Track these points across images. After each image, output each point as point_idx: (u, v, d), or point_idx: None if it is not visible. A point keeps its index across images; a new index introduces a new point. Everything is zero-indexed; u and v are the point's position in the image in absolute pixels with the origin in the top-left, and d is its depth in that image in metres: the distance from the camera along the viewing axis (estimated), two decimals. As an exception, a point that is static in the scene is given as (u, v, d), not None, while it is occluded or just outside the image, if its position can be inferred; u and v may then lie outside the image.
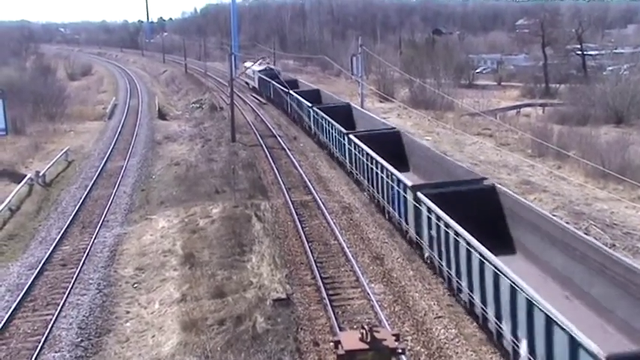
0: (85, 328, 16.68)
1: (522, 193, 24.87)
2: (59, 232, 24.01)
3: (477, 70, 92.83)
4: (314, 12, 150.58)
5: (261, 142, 39.22)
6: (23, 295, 18.49)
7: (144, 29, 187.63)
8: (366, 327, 10.33)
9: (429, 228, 17.79)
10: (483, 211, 17.53)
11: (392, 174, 21.42)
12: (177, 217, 24.69)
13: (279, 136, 41.12)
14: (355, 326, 15.88)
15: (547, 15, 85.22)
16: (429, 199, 17.69)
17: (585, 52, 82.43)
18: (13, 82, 58.39)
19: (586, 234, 18.04)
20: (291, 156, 34.90)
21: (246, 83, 65.32)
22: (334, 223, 23.42)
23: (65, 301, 18.09)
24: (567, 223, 18.99)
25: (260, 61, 58.91)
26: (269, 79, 54.83)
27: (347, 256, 20.31)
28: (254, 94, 61.91)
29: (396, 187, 20.88)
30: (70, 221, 25.37)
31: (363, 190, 26.62)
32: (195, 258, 20.29)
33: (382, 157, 23.03)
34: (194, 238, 22.17)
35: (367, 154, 24.60)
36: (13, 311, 17.52)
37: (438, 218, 16.86)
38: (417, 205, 18.61)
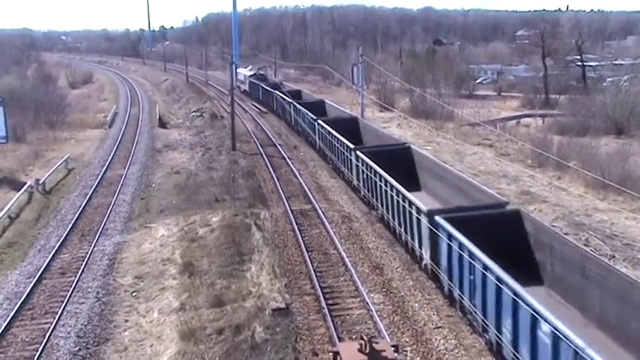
0: (83, 336, 16.62)
1: (522, 204, 24.86)
2: (58, 240, 23.97)
3: (477, 81, 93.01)
4: (315, 21, 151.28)
5: (262, 150, 39.24)
6: (21, 304, 18.43)
7: (145, 38, 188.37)
8: (365, 338, 10.30)
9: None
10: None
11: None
12: (177, 226, 24.66)
13: (280, 145, 41.14)
14: (354, 337, 15.84)
15: (547, 26, 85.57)
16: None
17: (585, 63, 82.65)
18: (15, 89, 58.46)
19: (586, 245, 18.02)
20: (291, 165, 34.91)
21: (238, 87, 68.94)
22: (334, 232, 23.39)
23: (63, 309, 18.03)
24: (567, 233, 18.98)
25: (250, 67, 63.66)
26: (258, 82, 63.88)
27: (346, 265, 20.27)
28: (255, 104, 62.07)
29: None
30: (70, 229, 25.33)
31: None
32: (195, 267, 20.25)
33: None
34: (193, 247, 22.13)
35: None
36: (11, 319, 17.45)
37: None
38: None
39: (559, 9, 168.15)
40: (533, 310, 12.06)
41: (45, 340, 16.28)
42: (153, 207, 28.37)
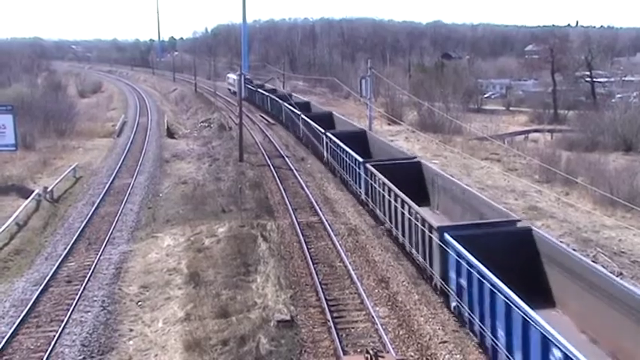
0: (88, 345, 16.61)
1: (529, 219, 24.76)
2: (65, 248, 24.03)
3: (486, 95, 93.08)
4: (324, 34, 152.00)
5: (269, 162, 39.30)
6: (27, 311, 18.46)
7: (155, 48, 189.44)
8: (370, 351, 10.27)
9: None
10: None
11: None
12: (184, 236, 24.69)
13: (287, 156, 41.21)
14: (359, 350, 15.77)
15: (557, 41, 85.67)
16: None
17: (594, 79, 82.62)
18: (25, 98, 58.91)
19: (594, 261, 17.90)
20: (299, 177, 34.93)
21: (229, 89, 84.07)
22: (340, 244, 23.36)
23: (69, 317, 18.05)
24: (574, 249, 18.87)
25: (239, 71, 69.14)
26: (246, 84, 71.28)
27: (352, 278, 20.22)
28: (262, 114, 62.38)
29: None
30: (77, 237, 25.40)
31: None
32: (200, 277, 20.24)
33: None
34: (199, 257, 22.14)
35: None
36: (16, 327, 17.48)
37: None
38: (329, 141, 19.66)
39: (569, 24, 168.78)
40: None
41: (50, 348, 16.28)
42: (160, 216, 28.42)
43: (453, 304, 16.76)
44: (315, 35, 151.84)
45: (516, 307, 12.93)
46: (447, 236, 16.73)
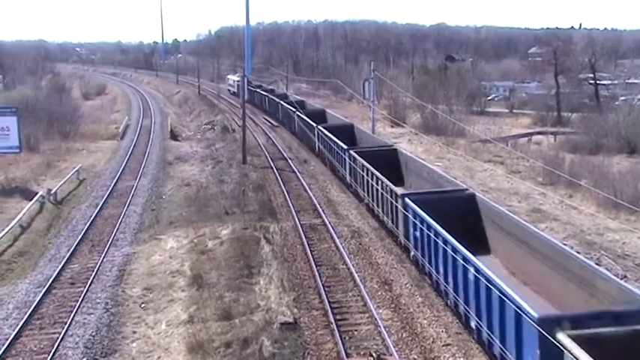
0: (91, 347, 16.63)
1: (533, 222, 24.68)
2: (69, 250, 24.07)
3: (489, 97, 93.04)
4: (327, 36, 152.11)
5: (272, 164, 39.33)
6: (31, 313, 18.49)
7: (158, 50, 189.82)
8: (373, 354, 10.27)
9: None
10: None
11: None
12: (187, 238, 24.71)
13: (290, 158, 41.23)
14: (362, 353, 15.76)
15: (560, 43, 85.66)
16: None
17: (598, 82, 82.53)
18: (29, 100, 59.08)
19: (598, 264, 17.87)
20: (302, 179, 34.94)
21: (228, 90, 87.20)
22: (343, 247, 23.35)
23: (72, 319, 18.07)
24: (579, 252, 18.87)
25: (238, 73, 73.56)
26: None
27: (355, 280, 20.21)
28: (265, 117, 62.49)
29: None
30: (80, 239, 25.44)
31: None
32: (203, 279, 20.26)
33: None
34: (202, 259, 22.16)
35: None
36: (20, 329, 17.51)
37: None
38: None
39: (572, 27, 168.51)
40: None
41: (53, 350, 16.30)
42: (163, 219, 28.46)
43: (412, 253, 20.39)
44: (319, 37, 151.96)
45: (458, 252, 15.82)
46: (407, 200, 20.39)
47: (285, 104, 54.51)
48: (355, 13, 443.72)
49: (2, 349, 16.35)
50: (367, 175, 26.25)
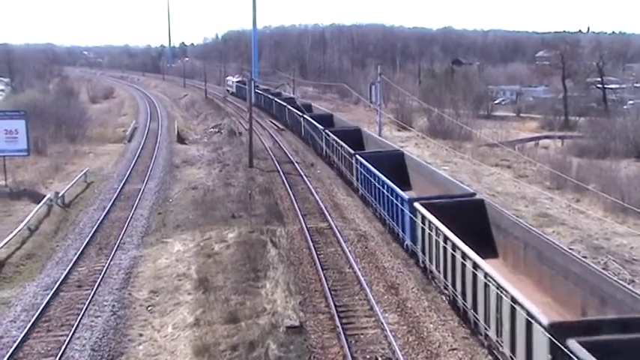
0: (98, 350, 16.67)
1: (540, 226, 24.64)
2: (76, 253, 24.16)
3: (496, 101, 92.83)
4: (334, 40, 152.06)
5: (279, 167, 39.37)
6: (38, 315, 18.57)
7: (166, 54, 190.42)
8: (380, 358, 10.25)
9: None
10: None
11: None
12: (193, 241, 24.76)
13: (297, 162, 41.26)
14: (368, 357, 15.76)
15: (568, 47, 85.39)
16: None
17: (606, 86, 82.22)
18: (37, 103, 59.45)
19: (604, 269, 17.81)
20: (308, 182, 34.96)
21: (227, 90, 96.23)
22: (349, 250, 23.34)
23: (79, 322, 18.13)
24: (585, 257, 18.83)
25: (237, 75, 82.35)
26: (242, 86, 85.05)
27: (361, 284, 20.20)
28: (272, 120, 62.59)
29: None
30: (87, 242, 25.53)
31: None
32: (210, 282, 20.29)
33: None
34: (209, 263, 22.19)
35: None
36: (27, 331, 17.58)
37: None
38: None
39: (580, 30, 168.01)
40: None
41: (60, 353, 16.35)
42: (170, 222, 28.53)
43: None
44: (325, 41, 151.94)
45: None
46: (357, 156, 20.99)
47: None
48: (362, 16, 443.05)
49: (10, 352, 16.41)
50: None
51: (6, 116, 37.22)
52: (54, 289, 20.44)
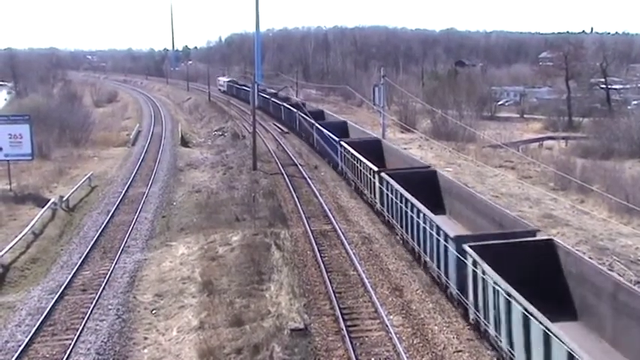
0: (102, 353, 16.69)
1: (544, 227, 24.61)
2: (80, 257, 24.20)
3: (500, 103, 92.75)
4: (337, 42, 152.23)
5: (282, 170, 39.37)
6: (43, 320, 18.60)
7: (169, 57, 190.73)
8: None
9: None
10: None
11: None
12: (197, 244, 24.78)
13: (300, 165, 41.25)
14: (373, 359, 15.74)
15: (571, 48, 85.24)
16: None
17: (610, 86, 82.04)
18: (40, 108, 59.57)
19: (610, 270, 17.74)
20: (312, 185, 34.94)
21: (219, 89, 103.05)
22: (354, 253, 23.32)
23: (84, 326, 18.16)
24: (590, 258, 18.74)
25: (226, 75, 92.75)
26: (232, 84, 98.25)
27: (366, 286, 20.18)
28: (276, 123, 62.61)
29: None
30: (92, 246, 25.57)
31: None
32: (214, 285, 20.29)
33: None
34: (213, 266, 22.20)
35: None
36: (32, 335, 17.61)
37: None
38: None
39: (583, 31, 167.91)
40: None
41: (66, 357, 16.38)
42: (174, 225, 28.55)
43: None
44: (328, 44, 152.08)
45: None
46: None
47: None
48: (365, 19, 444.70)
49: (15, 356, 16.44)
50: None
51: (10, 121, 37.29)
52: (59, 293, 20.47)
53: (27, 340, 17.29)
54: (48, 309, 19.27)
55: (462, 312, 17.37)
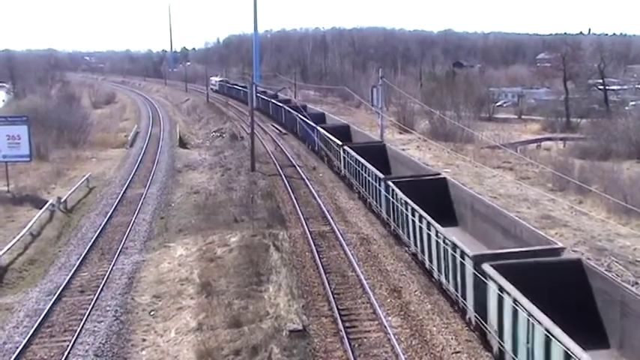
0: (101, 355, 16.66)
1: (543, 228, 24.60)
2: (78, 259, 24.16)
3: (498, 104, 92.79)
4: (335, 43, 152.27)
5: (281, 171, 39.36)
6: (41, 321, 18.56)
7: (167, 59, 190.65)
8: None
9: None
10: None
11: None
12: (196, 246, 24.76)
13: (299, 166, 41.24)
14: (372, 360, 15.75)
15: (569, 49, 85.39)
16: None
17: (607, 87, 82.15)
18: (39, 109, 59.45)
19: (608, 270, 17.75)
20: (310, 186, 34.94)
21: (211, 88, 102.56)
22: (352, 254, 23.31)
23: (82, 327, 18.12)
24: (589, 258, 18.75)
25: (219, 75, 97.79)
26: (223, 84, 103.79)
27: (364, 287, 20.17)
28: (274, 124, 62.63)
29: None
30: (90, 247, 25.54)
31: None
32: (212, 287, 20.27)
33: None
34: (211, 267, 22.18)
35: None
36: (30, 337, 17.57)
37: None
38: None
39: (581, 32, 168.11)
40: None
41: (63, 358, 16.35)
42: (172, 226, 28.53)
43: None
44: (327, 45, 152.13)
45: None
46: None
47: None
48: (363, 20, 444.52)
49: (13, 358, 16.41)
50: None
51: (8, 122, 37.25)
52: (57, 295, 20.44)
53: (25, 341, 17.25)
54: (46, 310, 19.23)
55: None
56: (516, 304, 13.11)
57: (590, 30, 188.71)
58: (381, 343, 16.64)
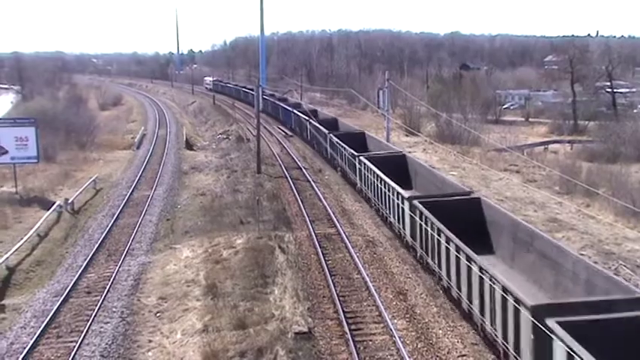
0: (107, 356, 16.71)
1: (549, 231, 24.51)
2: (85, 260, 24.25)
3: (505, 106, 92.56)
4: (341, 45, 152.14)
5: (287, 173, 39.38)
6: (48, 322, 18.63)
7: (174, 61, 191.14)
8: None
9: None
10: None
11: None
12: (202, 247, 24.80)
13: (305, 168, 41.25)
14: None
15: (576, 51, 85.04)
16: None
17: (615, 90, 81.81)
18: (46, 111, 59.79)
19: (615, 275, 17.68)
20: (316, 188, 34.94)
21: (206, 87, 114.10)
22: (358, 256, 23.30)
23: (89, 328, 18.18)
24: (596, 262, 18.68)
25: (213, 75, 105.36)
26: (217, 83, 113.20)
27: (370, 290, 20.15)
28: (280, 126, 62.68)
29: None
30: (96, 249, 25.63)
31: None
32: (218, 289, 20.30)
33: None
34: (217, 269, 22.21)
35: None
36: (37, 337, 17.65)
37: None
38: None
39: (589, 34, 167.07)
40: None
41: (70, 359, 16.40)
42: (178, 228, 28.58)
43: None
44: (333, 47, 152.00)
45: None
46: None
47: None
48: (369, 22, 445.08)
49: (20, 358, 16.48)
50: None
51: (16, 124, 37.55)
52: (63, 296, 20.51)
53: (32, 342, 17.32)
54: (53, 311, 19.31)
55: None
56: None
57: (597, 32, 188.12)
58: (387, 345, 16.62)
